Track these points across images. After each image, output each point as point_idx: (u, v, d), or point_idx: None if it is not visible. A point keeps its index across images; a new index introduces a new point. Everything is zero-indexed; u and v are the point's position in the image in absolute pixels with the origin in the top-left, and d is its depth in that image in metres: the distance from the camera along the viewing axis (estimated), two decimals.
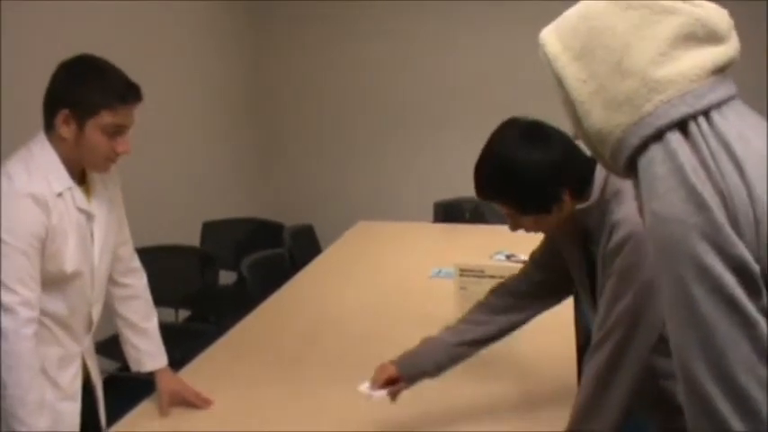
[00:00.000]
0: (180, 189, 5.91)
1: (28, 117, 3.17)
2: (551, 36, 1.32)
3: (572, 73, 1.27)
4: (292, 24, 7.19)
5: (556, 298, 2.27)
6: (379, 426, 2.30)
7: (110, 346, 3.68)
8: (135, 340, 2.54)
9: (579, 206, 1.89)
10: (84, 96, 2.09)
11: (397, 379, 2.22)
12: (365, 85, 7.19)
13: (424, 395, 2.42)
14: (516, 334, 2.33)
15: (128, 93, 2.14)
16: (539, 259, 2.24)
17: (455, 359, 2.25)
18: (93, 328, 2.42)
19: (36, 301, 2.09)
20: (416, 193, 6.88)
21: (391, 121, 7.17)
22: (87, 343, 2.42)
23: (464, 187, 6.17)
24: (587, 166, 1.89)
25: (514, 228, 2.02)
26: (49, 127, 2.15)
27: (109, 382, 2.63)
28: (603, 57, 1.23)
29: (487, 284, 2.77)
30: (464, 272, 2.88)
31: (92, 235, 2.27)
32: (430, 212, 5.77)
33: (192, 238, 5.29)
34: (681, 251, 1.12)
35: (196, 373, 2.73)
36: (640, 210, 1.26)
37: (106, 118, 2.10)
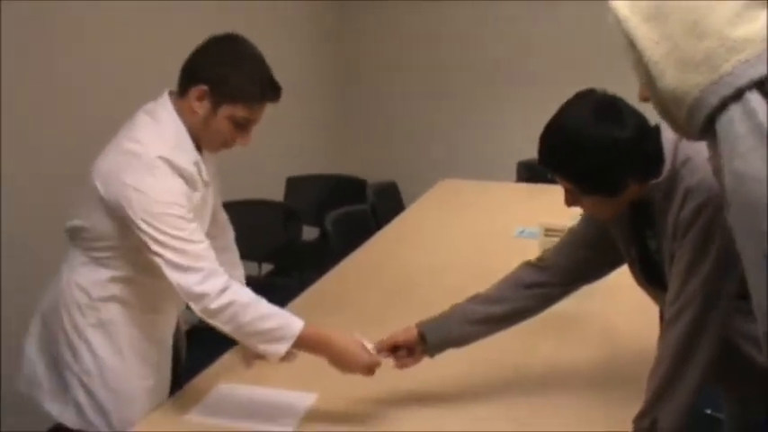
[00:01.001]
0: (265, 145, 5.95)
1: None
2: None
3: (644, 34, 1.26)
4: None
5: (598, 274, 2.21)
6: (458, 383, 2.31)
7: None
8: None
9: (651, 183, 1.82)
10: (228, 82, 2.08)
11: (409, 345, 2.19)
12: (449, 44, 7.13)
13: (500, 356, 2.42)
14: (590, 291, 2.29)
15: (270, 92, 2.13)
16: (582, 235, 2.18)
17: (484, 333, 2.21)
18: None
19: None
20: (500, 151, 6.81)
21: (475, 80, 7.10)
22: None
23: None
24: (658, 148, 1.81)
25: (570, 204, 1.95)
26: (182, 93, 2.13)
27: (190, 334, 2.67)
28: (678, 17, 1.23)
29: None
30: (549, 231, 2.85)
31: (206, 203, 2.29)
32: (513, 172, 5.73)
33: (277, 193, 5.35)
34: (762, 209, 1.12)
35: None
36: (716, 171, 1.26)
37: (240, 110, 2.10)
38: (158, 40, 4.39)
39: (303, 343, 2.07)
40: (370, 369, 2.12)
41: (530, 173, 5.60)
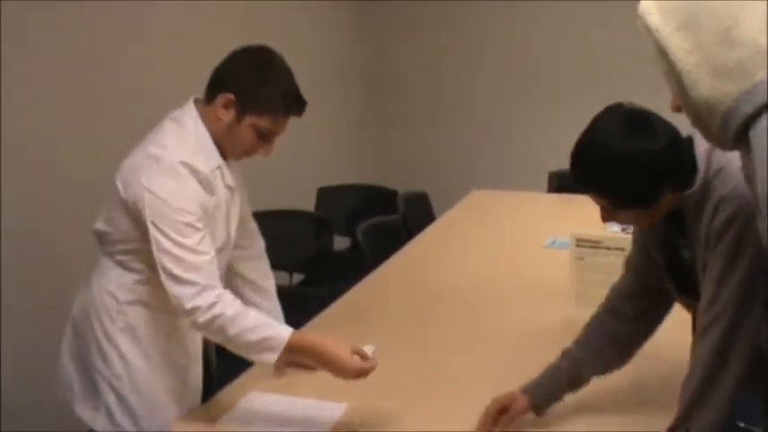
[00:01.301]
0: (296, 155, 6.00)
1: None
2: (652, 7, 1.32)
3: (676, 43, 1.26)
4: None
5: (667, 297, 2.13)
6: (492, 392, 2.30)
7: None
8: (255, 299, 2.59)
9: (684, 192, 1.80)
10: (255, 93, 2.12)
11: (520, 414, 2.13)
12: (480, 54, 7.12)
13: (531, 366, 2.42)
14: None
15: (295, 107, 2.17)
16: (640, 267, 2.11)
17: (578, 388, 2.17)
18: None
19: (216, 259, 2.12)
20: (530, 162, 6.79)
21: (506, 91, 7.09)
22: None
23: None
24: (691, 158, 1.79)
25: (606, 220, 1.93)
26: (209, 100, 2.18)
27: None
28: (710, 26, 1.23)
29: (604, 256, 2.76)
30: (581, 242, 2.85)
31: (230, 211, 2.32)
32: (544, 182, 5.71)
33: (308, 203, 5.37)
34: None
35: None
36: (748, 179, 1.25)
37: (265, 122, 2.14)
38: (182, 45, 4.43)
39: (293, 351, 2.08)
40: (361, 373, 2.10)
41: (561, 183, 5.57)
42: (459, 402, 2.25)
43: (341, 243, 5.29)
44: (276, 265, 2.77)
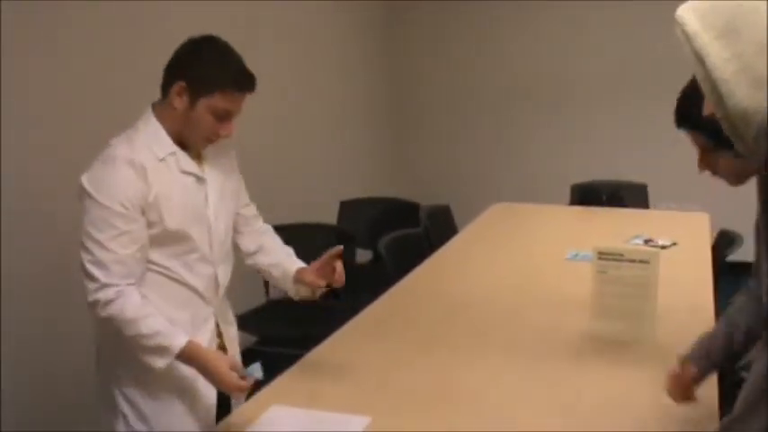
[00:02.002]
0: (319, 169, 6.03)
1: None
2: (690, 14, 1.31)
3: (714, 51, 1.25)
4: (435, 6, 7.20)
5: None
6: (514, 405, 2.30)
7: (247, 320, 3.80)
8: (280, 258, 2.62)
9: None
10: (203, 74, 2.18)
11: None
12: (502, 68, 7.14)
13: (553, 378, 2.42)
14: (640, 314, 2.21)
15: (244, 81, 2.22)
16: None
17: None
18: (222, 291, 2.48)
19: (132, 260, 2.17)
20: (553, 174, 6.79)
21: (528, 105, 7.09)
22: (219, 306, 2.50)
23: (600, 170, 6.10)
24: None
25: (704, 167, 1.84)
26: (165, 95, 2.24)
27: (246, 356, 2.68)
28: (750, 35, 1.22)
29: (627, 269, 2.75)
30: (603, 255, 2.84)
31: (206, 198, 2.36)
32: (566, 195, 5.70)
33: (330, 216, 5.39)
34: None
35: (330, 351, 2.80)
36: None
37: (218, 101, 2.19)
38: None
39: (182, 359, 2.17)
40: (235, 389, 2.19)
41: (583, 196, 5.57)
42: (483, 416, 2.25)
43: (363, 256, 5.30)
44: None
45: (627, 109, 6.56)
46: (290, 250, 2.66)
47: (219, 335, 2.51)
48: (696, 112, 1.69)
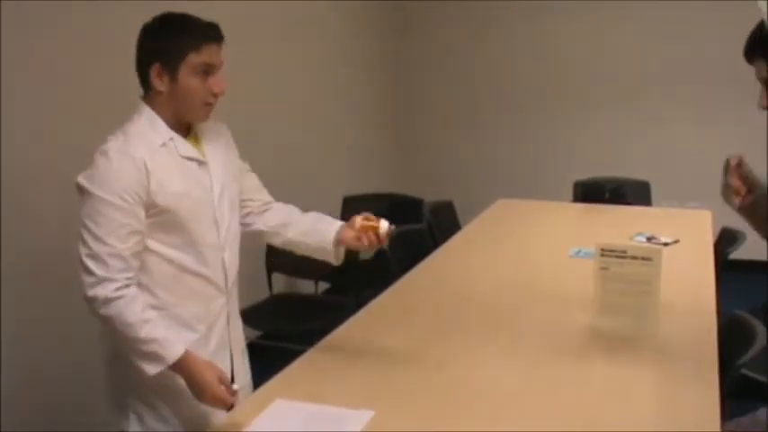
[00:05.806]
0: (322, 165, 6.04)
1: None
2: None
3: None
4: (440, 4, 7.21)
5: None
6: (517, 400, 2.31)
7: (251, 315, 3.81)
8: (308, 225, 2.60)
9: None
10: (170, 46, 2.17)
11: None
12: (506, 67, 7.16)
13: (555, 374, 2.43)
14: (641, 311, 2.21)
15: (208, 31, 2.21)
16: None
17: None
18: (231, 279, 2.46)
19: (130, 254, 2.15)
20: (556, 171, 6.80)
21: (532, 101, 7.10)
22: (229, 298, 2.48)
23: (604, 167, 6.10)
24: None
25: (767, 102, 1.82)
26: (147, 88, 2.25)
27: (250, 349, 2.70)
28: None
29: (629, 266, 2.76)
30: (605, 252, 2.85)
31: (210, 182, 2.35)
32: (569, 192, 5.71)
33: (333, 212, 5.38)
34: None
35: (334, 346, 2.81)
36: None
37: (194, 59, 2.18)
38: None
39: (174, 369, 2.17)
40: (220, 402, 2.19)
41: (586, 193, 5.57)
42: (485, 410, 2.27)
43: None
44: (301, 273, 2.75)
45: (630, 106, 6.56)
46: (316, 214, 2.63)
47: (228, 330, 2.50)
48: (765, 44, 1.70)
